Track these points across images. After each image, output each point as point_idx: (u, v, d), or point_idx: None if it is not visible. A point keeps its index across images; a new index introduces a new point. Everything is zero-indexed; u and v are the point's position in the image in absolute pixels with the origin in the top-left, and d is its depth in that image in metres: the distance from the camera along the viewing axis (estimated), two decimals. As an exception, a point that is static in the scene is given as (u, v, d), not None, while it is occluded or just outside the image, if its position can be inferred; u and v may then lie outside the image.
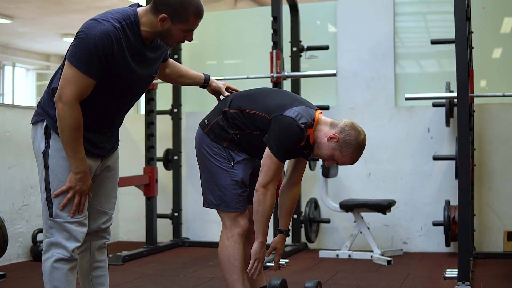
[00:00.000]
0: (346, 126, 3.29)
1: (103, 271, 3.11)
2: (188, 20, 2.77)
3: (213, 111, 3.47)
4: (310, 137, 3.31)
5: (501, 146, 6.01)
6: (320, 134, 3.31)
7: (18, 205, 5.58)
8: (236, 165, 3.36)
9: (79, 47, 2.66)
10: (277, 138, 3.21)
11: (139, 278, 4.97)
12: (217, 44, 7.19)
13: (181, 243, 6.61)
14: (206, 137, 3.41)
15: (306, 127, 3.25)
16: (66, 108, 2.68)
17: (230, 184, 3.35)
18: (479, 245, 5.90)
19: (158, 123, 6.40)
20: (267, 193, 3.27)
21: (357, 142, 3.29)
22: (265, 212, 3.30)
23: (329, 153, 3.31)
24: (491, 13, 6.30)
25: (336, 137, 3.27)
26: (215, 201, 3.40)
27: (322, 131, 3.31)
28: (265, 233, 3.36)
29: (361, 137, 3.30)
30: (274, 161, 3.24)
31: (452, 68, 5.58)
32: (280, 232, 3.53)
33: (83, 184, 2.79)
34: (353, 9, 6.49)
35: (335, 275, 5.05)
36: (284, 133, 3.21)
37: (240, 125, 3.34)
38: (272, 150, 3.23)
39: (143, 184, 6.15)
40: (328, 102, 6.41)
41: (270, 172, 3.25)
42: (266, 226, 3.35)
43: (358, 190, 6.33)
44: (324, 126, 3.32)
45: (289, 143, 3.23)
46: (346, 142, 3.27)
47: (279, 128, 3.22)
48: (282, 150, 3.22)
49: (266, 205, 3.28)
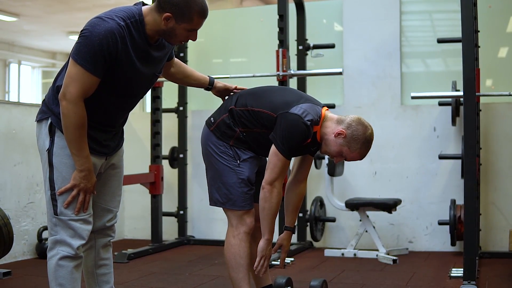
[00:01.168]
0: (353, 122, 3.28)
1: (108, 269, 3.11)
2: (192, 19, 2.76)
3: (219, 109, 3.47)
4: (317, 134, 3.30)
5: (507, 145, 5.99)
6: (327, 131, 3.30)
7: (24, 202, 5.58)
8: (242, 163, 3.36)
9: (83, 45, 2.66)
10: (283, 136, 3.21)
11: (144, 276, 4.97)
12: (223, 42, 7.19)
13: (186, 241, 6.62)
14: (212, 135, 3.41)
15: (313, 124, 3.24)
16: (70, 106, 2.68)
17: (236, 182, 3.34)
18: (485, 245, 5.88)
19: (164, 121, 6.40)
20: (273, 191, 3.27)
21: (365, 137, 3.27)
22: (271, 210, 3.30)
23: (337, 149, 3.30)
24: (498, 12, 6.28)
25: (344, 133, 3.25)
26: (221, 199, 3.39)
27: (329, 127, 3.30)
28: (272, 230, 3.35)
29: (368, 131, 3.28)
30: (280, 159, 3.23)
31: (458, 67, 5.57)
32: (286, 229, 3.52)
33: (87, 182, 2.79)
34: (359, 7, 6.47)
35: (340, 274, 5.04)
36: (290, 130, 3.20)
37: (246, 123, 3.34)
38: (278, 147, 3.22)
39: (149, 182, 6.15)
40: (334, 100, 6.39)
41: (276, 169, 3.25)
42: (273, 223, 3.35)
43: (364, 189, 6.32)
44: (331, 123, 3.31)
45: (295, 140, 3.22)
46: (354, 137, 3.25)
47: (285, 125, 3.21)
48: (288, 147, 3.22)
49: (272, 202, 3.28)
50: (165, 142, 6.44)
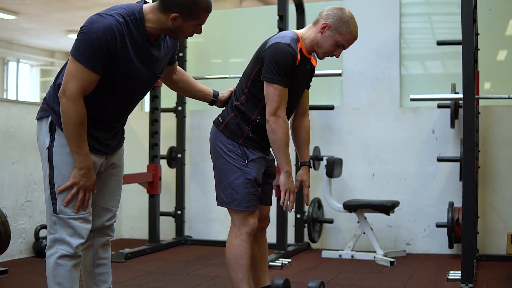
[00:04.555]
0: (328, 12, 3.38)
1: (106, 268, 3.10)
2: (200, 16, 2.79)
3: (226, 109, 3.48)
4: (303, 50, 3.36)
5: (506, 148, 5.99)
6: (312, 36, 3.38)
7: (21, 201, 5.57)
8: (250, 163, 3.37)
9: (82, 41, 2.66)
10: (271, 66, 3.26)
11: (141, 276, 4.96)
12: (222, 42, 7.18)
13: (183, 241, 6.61)
14: (221, 135, 3.41)
15: (293, 41, 3.31)
16: (70, 103, 2.67)
17: (242, 183, 3.35)
18: (483, 247, 5.88)
19: (162, 121, 6.39)
20: (278, 120, 3.28)
21: (347, 16, 3.37)
22: (282, 140, 3.30)
23: (331, 42, 3.36)
24: (497, 15, 6.28)
25: (327, 24, 3.34)
26: (226, 199, 3.40)
27: (311, 33, 3.39)
28: (289, 161, 3.35)
29: (346, 10, 3.39)
30: (276, 87, 3.27)
31: (457, 70, 5.58)
32: (302, 165, 3.53)
33: (87, 180, 2.78)
34: (359, 9, 6.42)
35: (338, 275, 5.04)
36: (275, 56, 3.26)
37: (253, 105, 3.36)
38: (271, 80, 3.26)
39: (147, 182, 6.14)
40: (333, 102, 6.40)
41: (275, 98, 3.27)
42: (287, 154, 3.34)
43: (362, 191, 6.32)
44: (310, 30, 3.41)
45: (284, 63, 3.26)
46: (338, 21, 3.34)
47: (269, 56, 3.28)
48: (280, 73, 3.25)
49: (280, 132, 3.29)
50: (163, 142, 6.44)
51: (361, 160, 6.35)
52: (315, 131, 6.43)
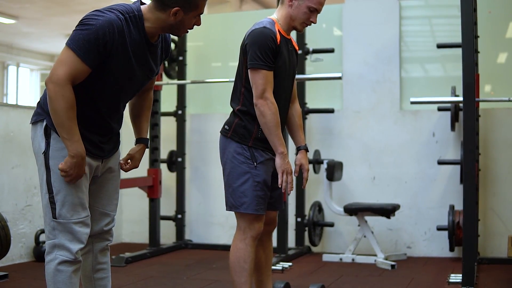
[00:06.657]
0: None
1: (106, 273, 3.09)
2: (198, 5, 2.79)
3: (230, 117, 3.49)
4: (281, 32, 3.41)
5: (506, 151, 5.98)
6: (284, 13, 3.45)
7: (21, 205, 5.57)
8: (259, 165, 3.37)
9: (79, 32, 2.66)
10: (253, 51, 3.30)
11: (142, 280, 4.96)
12: (222, 46, 7.18)
13: (184, 245, 6.60)
14: (231, 141, 3.41)
15: (270, 25, 3.36)
16: (57, 89, 2.62)
17: (251, 185, 3.34)
18: (483, 250, 5.88)
19: (163, 125, 6.39)
20: (266, 102, 3.30)
21: None
22: (272, 121, 3.31)
23: (303, 9, 3.40)
24: (497, 17, 6.28)
25: None
26: (235, 203, 3.39)
27: (282, 11, 3.45)
28: (282, 143, 3.35)
29: None
30: (261, 71, 3.30)
31: (457, 73, 5.58)
32: (299, 149, 3.57)
33: (78, 170, 2.74)
34: (359, 12, 6.47)
35: (338, 279, 5.03)
36: (255, 40, 3.31)
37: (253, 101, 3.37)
38: (254, 65, 3.30)
39: (147, 186, 6.14)
40: (333, 105, 6.40)
41: (261, 81, 3.30)
42: (280, 135, 3.34)
43: (362, 194, 6.31)
44: (280, 10, 3.47)
45: (265, 44, 3.30)
46: None
47: (250, 43, 3.33)
48: (263, 57, 3.29)
49: (270, 113, 3.30)
50: (163, 146, 6.43)
51: (361, 163, 6.34)
52: (315, 134, 6.43)
